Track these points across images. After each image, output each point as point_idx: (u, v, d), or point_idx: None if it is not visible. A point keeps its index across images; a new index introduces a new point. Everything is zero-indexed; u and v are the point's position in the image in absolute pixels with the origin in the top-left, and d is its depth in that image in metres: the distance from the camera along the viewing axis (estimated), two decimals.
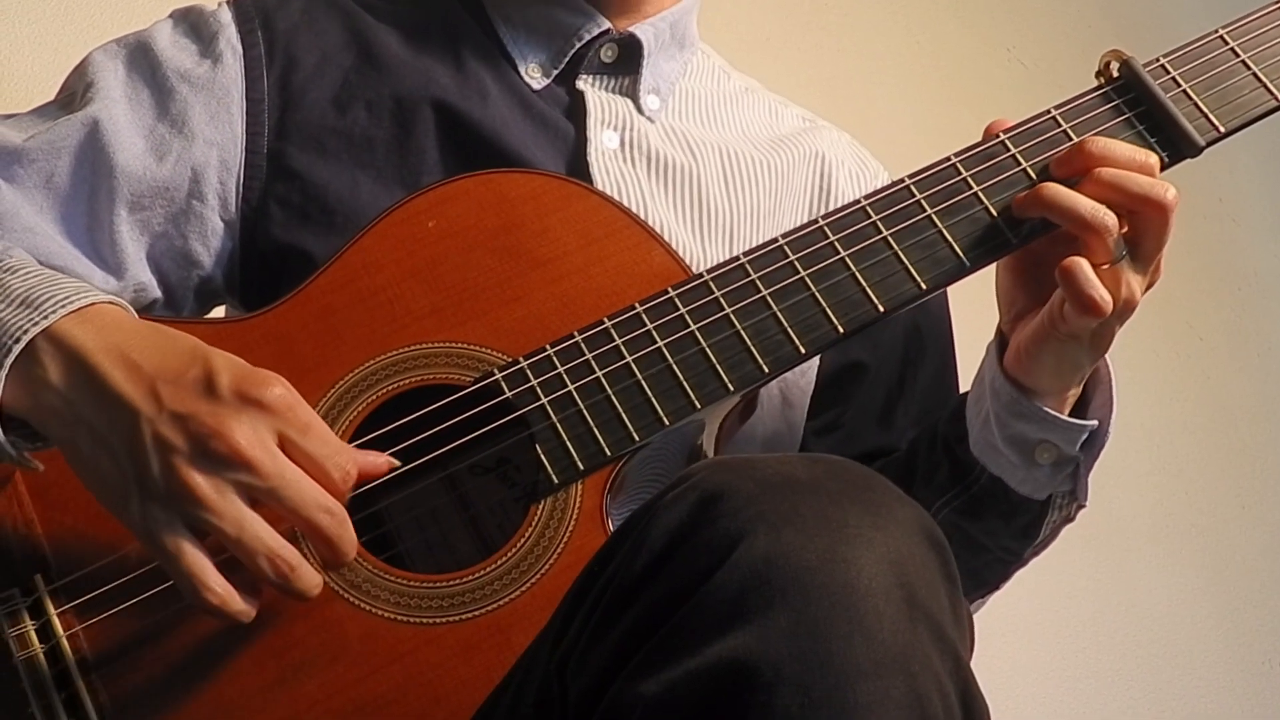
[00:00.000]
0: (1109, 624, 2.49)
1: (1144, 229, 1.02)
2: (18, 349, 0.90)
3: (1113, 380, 1.10)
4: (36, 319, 0.91)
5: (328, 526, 0.87)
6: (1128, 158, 1.02)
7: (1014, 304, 1.09)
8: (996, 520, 1.14)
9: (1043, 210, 1.03)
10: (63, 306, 0.92)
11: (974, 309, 1.39)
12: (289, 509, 0.87)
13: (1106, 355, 1.09)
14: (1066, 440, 1.08)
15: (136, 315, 0.97)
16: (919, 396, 1.29)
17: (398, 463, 0.96)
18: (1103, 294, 0.99)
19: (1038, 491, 1.11)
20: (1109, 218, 1.00)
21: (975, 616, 1.26)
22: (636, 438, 0.99)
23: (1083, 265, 0.99)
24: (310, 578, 0.88)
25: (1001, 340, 1.10)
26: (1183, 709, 2.52)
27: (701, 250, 1.21)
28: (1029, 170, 1.05)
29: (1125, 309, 1.02)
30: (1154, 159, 1.03)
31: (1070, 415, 1.08)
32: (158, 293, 1.15)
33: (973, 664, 0.77)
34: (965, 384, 1.27)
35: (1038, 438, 1.07)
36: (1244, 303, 2.93)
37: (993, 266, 1.09)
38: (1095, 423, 1.08)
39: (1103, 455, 1.11)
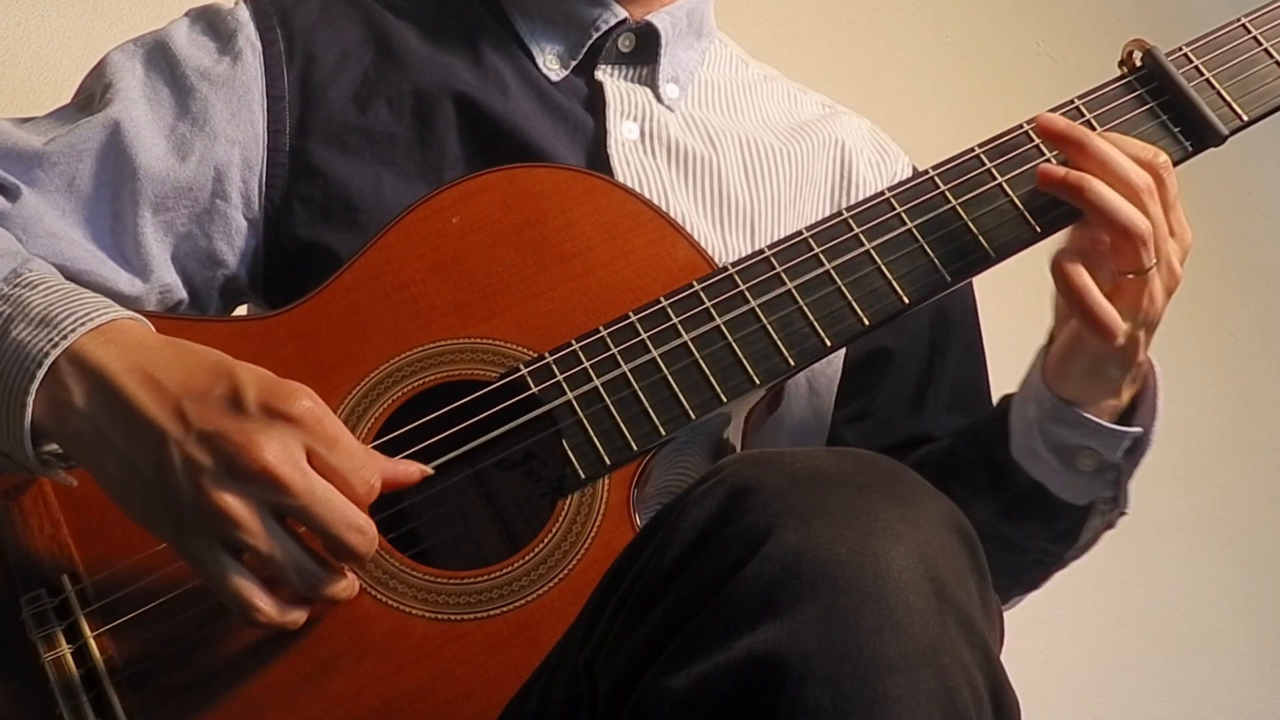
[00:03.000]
0: (1136, 618, 2.49)
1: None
2: (40, 374, 0.89)
3: (1159, 389, 1.08)
4: (55, 338, 0.90)
5: (357, 544, 0.88)
6: (1133, 152, 1.01)
7: (1061, 307, 1.07)
8: (1036, 523, 1.13)
9: (1084, 206, 1.00)
10: (81, 325, 0.91)
11: (1001, 300, 1.39)
12: (318, 527, 0.87)
13: (1156, 364, 1.08)
14: (1108, 447, 1.07)
15: (155, 330, 0.96)
16: (948, 380, 1.29)
17: (430, 470, 0.96)
18: (1113, 318, 0.98)
19: (1079, 497, 1.10)
20: (1145, 224, 0.98)
21: (1007, 614, 1.26)
22: (663, 432, 0.99)
23: (1092, 292, 0.98)
24: (334, 585, 0.90)
25: (1050, 345, 1.09)
26: (1210, 702, 2.51)
27: (722, 241, 1.20)
28: (1053, 160, 1.05)
29: (1147, 318, 1.01)
30: (1163, 156, 1.01)
31: (1115, 423, 1.07)
32: (183, 293, 1.15)
33: (1001, 657, 0.77)
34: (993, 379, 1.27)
35: (1079, 444, 1.06)
36: (1273, 297, 2.92)
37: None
38: (1138, 430, 1.07)
39: None
